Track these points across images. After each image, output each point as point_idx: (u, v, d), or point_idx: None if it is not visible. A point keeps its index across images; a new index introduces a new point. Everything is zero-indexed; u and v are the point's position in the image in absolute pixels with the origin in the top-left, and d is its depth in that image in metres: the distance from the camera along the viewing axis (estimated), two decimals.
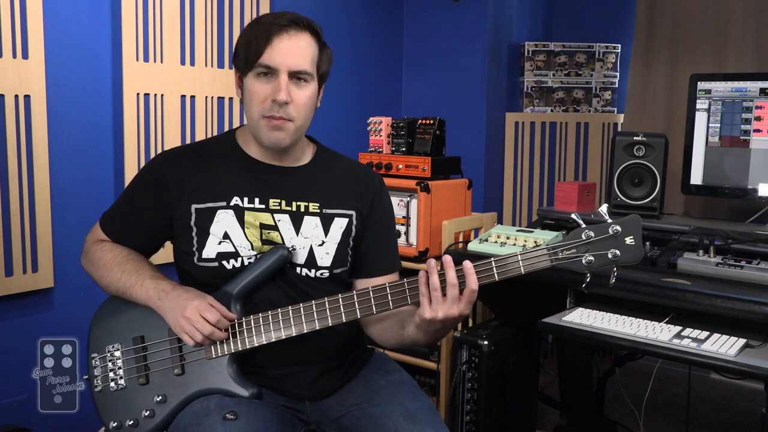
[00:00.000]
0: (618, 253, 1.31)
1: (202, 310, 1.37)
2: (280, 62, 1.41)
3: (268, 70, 1.42)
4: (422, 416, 1.43)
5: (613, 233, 1.31)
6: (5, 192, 2.03)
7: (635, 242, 1.31)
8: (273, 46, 1.41)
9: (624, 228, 1.32)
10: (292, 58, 1.42)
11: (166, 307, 1.41)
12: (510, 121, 3.39)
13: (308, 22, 1.46)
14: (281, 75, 1.42)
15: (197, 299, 1.39)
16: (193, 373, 1.43)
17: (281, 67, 1.41)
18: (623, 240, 1.31)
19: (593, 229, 1.33)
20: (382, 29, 3.35)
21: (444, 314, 1.32)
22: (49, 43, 2.09)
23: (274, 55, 1.41)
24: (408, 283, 1.37)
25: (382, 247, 1.61)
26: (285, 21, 1.42)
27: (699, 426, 2.82)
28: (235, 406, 1.35)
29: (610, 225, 1.31)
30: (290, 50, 1.42)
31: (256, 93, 1.43)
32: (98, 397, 1.47)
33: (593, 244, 1.31)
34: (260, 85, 1.43)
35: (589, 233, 1.32)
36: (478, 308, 2.52)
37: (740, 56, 2.90)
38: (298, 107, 1.44)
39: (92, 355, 1.49)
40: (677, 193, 2.74)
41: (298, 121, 1.46)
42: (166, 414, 1.41)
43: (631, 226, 1.32)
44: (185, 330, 1.38)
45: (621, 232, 1.31)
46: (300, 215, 1.50)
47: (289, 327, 1.41)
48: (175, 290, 1.42)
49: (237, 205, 1.48)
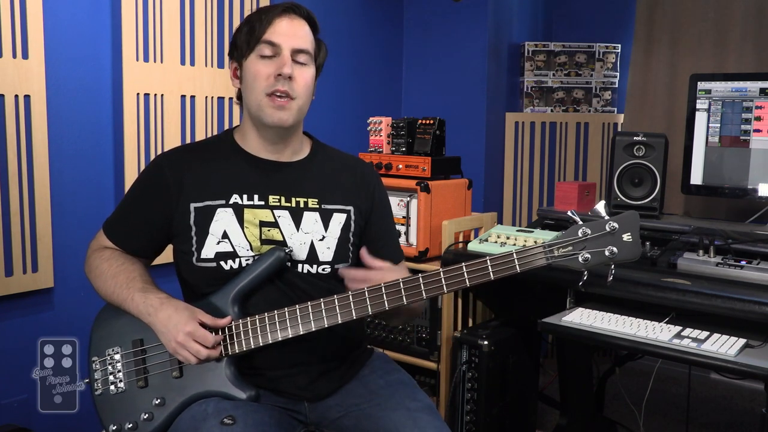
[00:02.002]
0: (615, 250, 1.30)
1: (195, 336, 1.37)
2: (284, 40, 1.45)
3: (272, 49, 1.45)
4: (423, 416, 1.43)
5: (610, 230, 1.30)
6: (5, 192, 2.03)
7: (633, 239, 1.30)
8: (275, 26, 1.46)
9: (621, 225, 1.30)
10: (294, 37, 1.46)
11: (157, 326, 1.41)
12: (510, 121, 3.39)
13: (307, 11, 1.51)
14: (284, 51, 1.45)
15: (188, 324, 1.38)
16: (191, 375, 1.42)
17: (284, 44, 1.45)
18: (620, 237, 1.30)
19: (590, 226, 1.31)
20: (382, 29, 3.35)
21: None
22: (49, 43, 2.09)
23: (278, 33, 1.45)
24: (404, 282, 1.37)
25: (385, 241, 1.63)
26: (286, 5, 1.49)
27: (699, 426, 2.82)
28: (233, 410, 1.34)
29: (607, 222, 1.30)
30: (292, 30, 1.47)
31: (260, 72, 1.45)
32: (98, 400, 1.47)
33: (590, 242, 1.30)
34: (263, 64, 1.45)
35: (585, 230, 1.31)
36: (479, 308, 2.52)
37: (740, 56, 2.90)
38: (300, 86, 1.47)
39: (93, 359, 1.49)
40: (677, 193, 2.74)
41: (300, 100, 1.48)
42: (164, 417, 1.41)
43: (628, 222, 1.31)
44: (180, 354, 1.39)
45: (618, 228, 1.30)
46: (300, 211, 1.51)
47: (286, 329, 1.40)
48: (164, 308, 1.41)
49: (236, 203, 1.48)
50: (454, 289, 1.37)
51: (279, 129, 1.48)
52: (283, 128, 1.49)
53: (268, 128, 1.49)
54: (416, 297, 1.36)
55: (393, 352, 2.44)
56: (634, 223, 1.31)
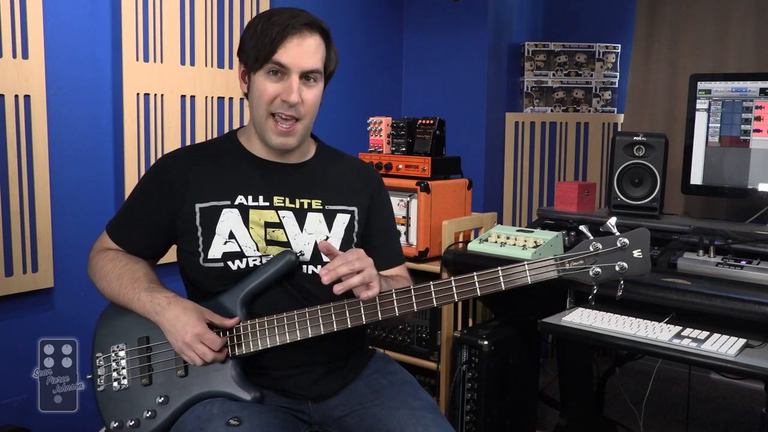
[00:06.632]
0: (625, 265, 1.32)
1: (203, 338, 1.37)
2: (293, 62, 1.42)
3: (280, 69, 1.43)
4: (426, 414, 1.44)
5: (620, 246, 1.32)
6: (5, 192, 2.03)
7: (643, 255, 1.32)
8: (286, 46, 1.42)
9: (632, 241, 1.32)
10: (305, 59, 1.43)
11: (164, 325, 1.41)
12: (510, 121, 3.39)
13: (320, 24, 1.47)
14: (293, 75, 1.43)
15: (197, 325, 1.38)
16: (196, 375, 1.43)
17: (293, 68, 1.42)
18: (631, 252, 1.31)
19: (601, 241, 1.33)
20: (382, 29, 3.35)
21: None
22: (49, 43, 2.09)
23: (288, 55, 1.42)
24: (414, 290, 1.38)
25: (387, 243, 1.63)
26: (299, 23, 1.43)
27: (699, 426, 2.82)
28: (238, 411, 1.35)
29: (618, 237, 1.32)
30: (303, 51, 1.43)
31: (266, 91, 1.44)
32: (101, 396, 1.46)
33: (601, 256, 1.32)
34: (270, 83, 1.44)
35: (596, 245, 1.32)
36: (479, 308, 2.52)
37: (740, 56, 2.90)
38: (307, 107, 1.46)
39: (96, 355, 1.48)
40: (677, 193, 2.74)
41: (306, 120, 1.48)
42: (167, 415, 1.41)
43: (639, 239, 1.33)
44: (186, 354, 1.39)
45: (629, 244, 1.32)
46: (303, 212, 1.51)
47: (294, 332, 1.41)
48: (171, 307, 1.41)
49: (242, 204, 1.48)
50: (465, 298, 1.39)
51: (282, 149, 1.50)
52: (287, 150, 1.50)
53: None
54: (427, 304, 1.38)
55: (393, 352, 2.44)
56: (645, 240, 1.32)
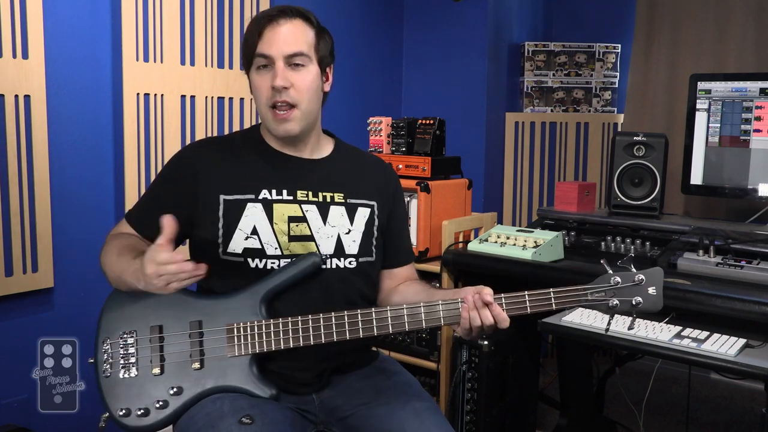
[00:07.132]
0: (641, 300, 1.38)
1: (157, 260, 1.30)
2: (274, 49, 1.46)
3: (266, 60, 1.46)
4: (428, 415, 1.46)
5: (637, 282, 1.39)
6: (5, 192, 2.03)
7: (657, 293, 1.39)
8: (264, 37, 1.46)
9: (648, 278, 1.39)
10: (284, 44, 1.46)
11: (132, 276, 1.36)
12: (510, 121, 3.39)
13: (297, 9, 1.50)
14: (277, 62, 1.46)
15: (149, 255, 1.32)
16: (213, 368, 1.42)
17: (275, 54, 1.46)
18: (646, 289, 1.39)
19: (620, 275, 1.41)
20: (382, 29, 3.35)
21: (476, 334, 1.43)
22: (49, 43, 2.09)
23: (267, 44, 1.46)
24: (425, 307, 1.41)
25: (400, 241, 1.69)
26: (273, 12, 1.49)
27: (699, 426, 2.82)
28: (249, 409, 1.35)
29: (635, 274, 1.39)
30: (281, 37, 1.46)
31: (259, 85, 1.48)
32: (105, 382, 1.43)
33: (619, 290, 1.40)
34: (260, 77, 1.48)
35: (616, 279, 1.40)
36: None
37: (740, 56, 2.90)
38: (299, 91, 1.47)
39: (103, 339, 1.45)
40: (677, 193, 2.75)
41: (303, 105, 1.48)
42: (178, 406, 1.40)
43: (654, 277, 1.40)
44: (157, 286, 1.32)
45: (645, 281, 1.39)
46: (326, 205, 1.54)
47: (319, 335, 1.41)
48: (137, 260, 1.36)
49: (266, 198, 1.50)
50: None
51: (287, 136, 1.52)
52: (292, 136, 1.52)
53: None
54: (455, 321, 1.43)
55: (393, 352, 2.44)
56: (659, 279, 1.40)
